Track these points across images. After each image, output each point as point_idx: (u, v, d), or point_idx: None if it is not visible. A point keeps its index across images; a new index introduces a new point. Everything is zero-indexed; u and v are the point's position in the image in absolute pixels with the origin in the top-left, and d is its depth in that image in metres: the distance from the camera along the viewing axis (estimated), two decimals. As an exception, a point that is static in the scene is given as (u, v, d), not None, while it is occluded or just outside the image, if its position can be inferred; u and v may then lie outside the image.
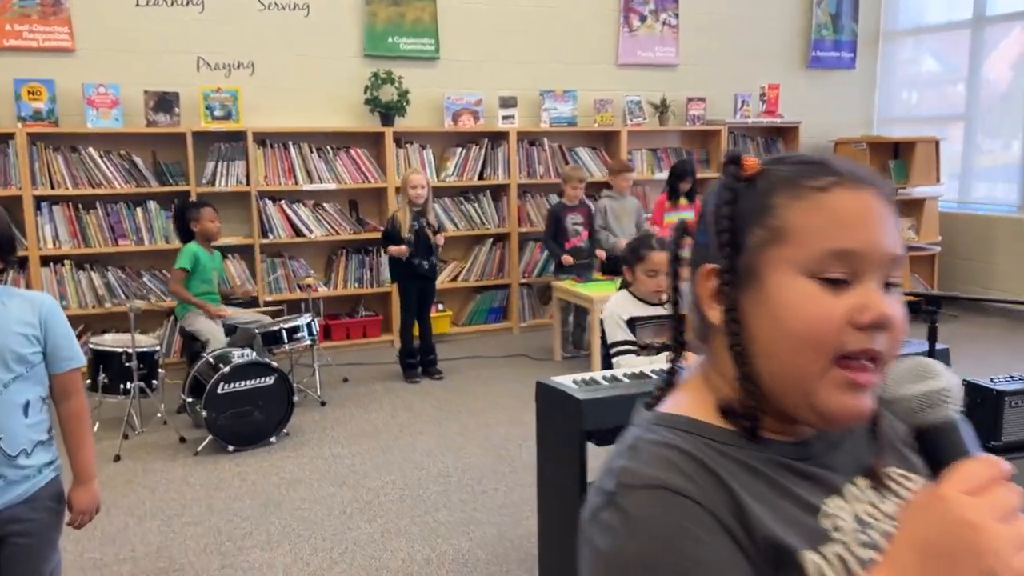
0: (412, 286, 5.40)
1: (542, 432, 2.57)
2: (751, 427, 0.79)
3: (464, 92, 6.52)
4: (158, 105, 5.67)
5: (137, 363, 4.38)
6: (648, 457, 0.76)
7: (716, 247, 0.80)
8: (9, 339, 1.90)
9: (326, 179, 6.11)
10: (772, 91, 7.55)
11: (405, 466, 4.03)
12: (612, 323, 3.01)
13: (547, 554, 2.61)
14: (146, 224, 5.71)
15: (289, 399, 4.42)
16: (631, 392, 2.39)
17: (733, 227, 0.79)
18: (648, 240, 3.07)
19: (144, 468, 4.07)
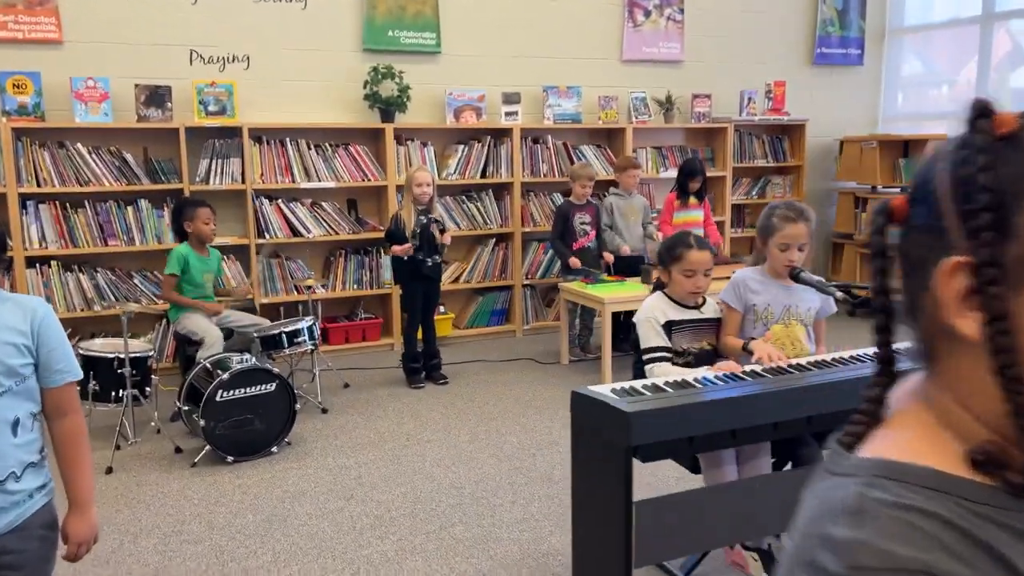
0: (416, 288, 5.20)
1: (579, 447, 2.38)
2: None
3: (466, 88, 6.32)
4: (149, 99, 5.44)
5: (130, 369, 4.16)
6: (890, 527, 0.56)
7: (960, 232, 0.61)
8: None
9: (324, 177, 5.90)
10: (778, 88, 7.40)
11: (415, 477, 3.83)
12: (648, 327, 2.82)
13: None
14: (137, 224, 5.48)
15: (291, 407, 4.20)
16: (679, 403, 2.20)
17: (997, 203, 0.59)
18: (685, 238, 2.88)
19: (138, 481, 3.85)
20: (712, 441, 2.29)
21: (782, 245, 2.75)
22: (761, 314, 2.84)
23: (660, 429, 2.17)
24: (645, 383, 2.42)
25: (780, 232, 2.75)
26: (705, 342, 2.90)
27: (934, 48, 7.80)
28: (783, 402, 2.32)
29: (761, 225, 2.84)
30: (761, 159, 7.48)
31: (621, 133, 6.77)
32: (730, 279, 2.93)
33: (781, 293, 2.85)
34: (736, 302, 2.86)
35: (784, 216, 2.76)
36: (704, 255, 2.82)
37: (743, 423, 2.28)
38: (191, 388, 4.18)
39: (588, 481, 2.34)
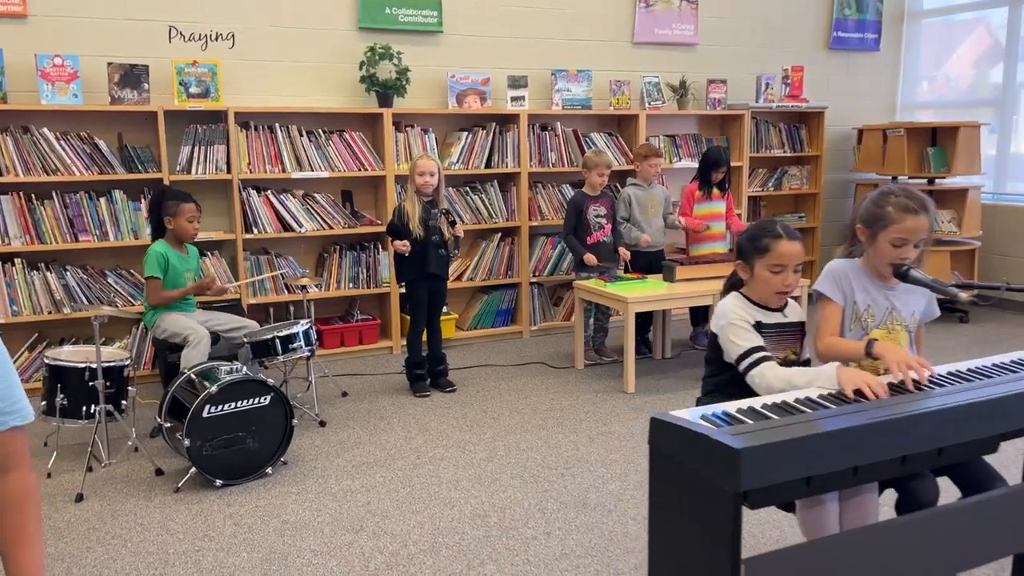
0: (421, 287, 4.73)
1: (663, 489, 1.93)
2: None
3: (469, 70, 5.85)
4: (124, 80, 4.92)
5: (103, 381, 3.66)
6: None
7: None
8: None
9: (317, 166, 5.41)
10: (796, 73, 7.00)
11: (432, 503, 3.37)
12: (737, 329, 2.36)
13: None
14: (111, 217, 4.96)
15: (287, 422, 3.73)
16: (796, 436, 1.76)
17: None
18: (771, 226, 2.42)
19: (113, 511, 3.35)
20: (831, 481, 1.86)
21: (898, 240, 2.32)
22: (860, 315, 2.41)
23: (776, 469, 1.73)
24: (740, 407, 1.98)
25: (898, 225, 2.31)
26: (789, 351, 2.46)
27: (956, 32, 7.43)
28: (914, 431, 1.89)
29: (869, 214, 2.40)
30: (778, 149, 7.07)
31: (633, 120, 6.34)
32: (825, 269, 2.49)
33: (883, 293, 2.42)
34: (837, 295, 2.42)
35: (903, 206, 2.32)
36: (796, 247, 2.38)
37: (869, 458, 1.84)
38: (174, 402, 3.69)
39: (678, 533, 1.89)
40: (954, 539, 2.06)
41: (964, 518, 2.08)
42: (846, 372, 2.12)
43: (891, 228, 2.34)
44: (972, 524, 2.08)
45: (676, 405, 4.53)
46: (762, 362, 2.29)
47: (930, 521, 2.04)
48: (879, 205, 2.39)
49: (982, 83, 7.24)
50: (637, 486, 3.49)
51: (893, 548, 1.94)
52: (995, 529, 2.14)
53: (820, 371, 2.19)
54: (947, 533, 2.04)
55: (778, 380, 2.24)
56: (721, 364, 2.45)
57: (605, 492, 3.44)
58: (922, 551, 1.99)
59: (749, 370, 2.30)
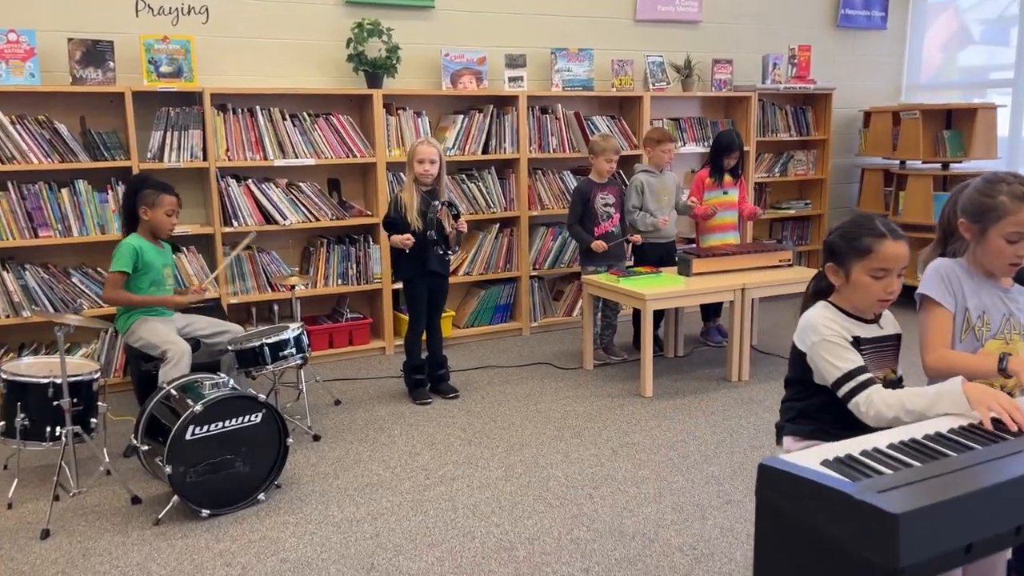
0: (421, 285, 4.33)
1: (782, 557, 1.56)
2: None
3: (464, 48, 5.43)
4: (87, 58, 4.43)
5: (69, 399, 3.23)
6: None
7: None
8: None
9: (302, 153, 4.96)
10: (803, 53, 6.66)
11: (449, 535, 2.99)
12: (833, 347, 1.99)
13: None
14: (74, 210, 4.48)
15: (281, 442, 3.32)
16: (959, 493, 1.40)
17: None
18: (870, 223, 2.02)
19: (84, 549, 2.93)
20: (991, 545, 1.51)
21: (1015, 235, 1.97)
22: (973, 323, 2.06)
23: (938, 537, 1.38)
24: (864, 449, 1.62)
25: (1015, 216, 1.97)
26: (888, 369, 2.10)
27: (965, 9, 7.14)
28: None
29: (976, 206, 2.05)
30: (784, 132, 6.74)
31: (637, 102, 5.96)
32: (929, 268, 2.13)
33: (998, 296, 2.07)
34: (948, 299, 2.06)
35: (1020, 195, 1.98)
36: (903, 247, 2.00)
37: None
38: (151, 420, 3.26)
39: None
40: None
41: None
42: (975, 391, 1.78)
43: (1006, 220, 1.99)
44: None
45: (700, 411, 4.20)
46: (867, 386, 1.93)
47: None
48: (988, 195, 2.04)
49: (991, 63, 6.97)
50: (675, 509, 3.15)
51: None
52: None
53: (940, 391, 1.84)
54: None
55: (889, 407, 1.89)
56: (810, 386, 2.08)
57: (641, 517, 3.09)
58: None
59: (852, 396, 1.94)
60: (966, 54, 7.17)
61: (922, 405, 1.84)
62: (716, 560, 2.76)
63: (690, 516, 3.09)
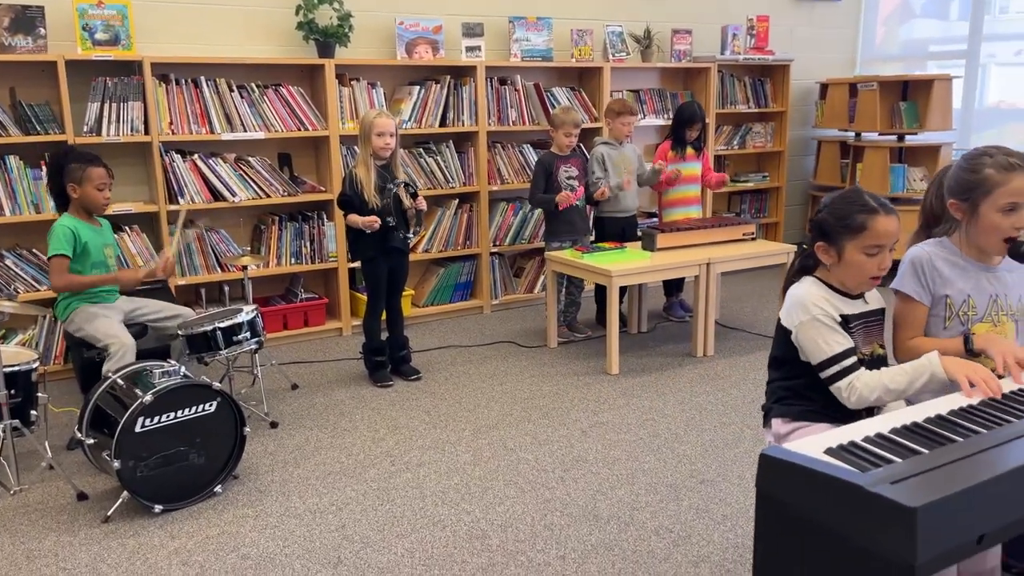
0: (381, 264, 4.17)
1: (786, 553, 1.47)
2: None
3: (420, 16, 5.23)
4: (15, 24, 4.13)
5: (6, 391, 3.02)
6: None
7: None
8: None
9: (250, 126, 4.73)
10: (762, 24, 6.61)
11: (418, 524, 2.88)
12: (822, 327, 1.92)
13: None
14: (6, 188, 4.21)
15: (237, 431, 3.16)
16: (974, 482, 1.34)
17: None
18: (860, 198, 1.95)
19: (28, 551, 2.74)
20: (1005, 533, 1.45)
21: (1009, 205, 1.91)
22: (957, 309, 2.01)
23: (955, 529, 1.31)
24: (867, 435, 1.55)
25: (1005, 187, 1.91)
26: (876, 344, 2.04)
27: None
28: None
29: (962, 184, 1.99)
30: (742, 104, 6.70)
31: (596, 73, 5.84)
32: (905, 259, 2.07)
33: (984, 279, 2.02)
34: (921, 293, 2.02)
35: (1005, 164, 1.92)
36: (894, 222, 1.93)
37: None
38: (96, 412, 3.07)
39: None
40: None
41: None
42: (952, 362, 1.78)
43: (997, 193, 1.94)
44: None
45: (667, 388, 4.14)
46: (852, 371, 1.88)
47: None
48: (974, 170, 1.99)
49: (945, 35, 7.01)
50: (648, 490, 3.08)
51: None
52: None
53: (918, 366, 1.84)
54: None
55: (871, 390, 1.86)
56: (796, 366, 2.01)
57: (615, 499, 3.02)
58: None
59: (835, 380, 1.90)
60: (920, 26, 7.20)
61: (903, 383, 1.82)
62: (694, 543, 2.70)
63: (664, 497, 3.02)
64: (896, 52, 7.32)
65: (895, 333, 2.07)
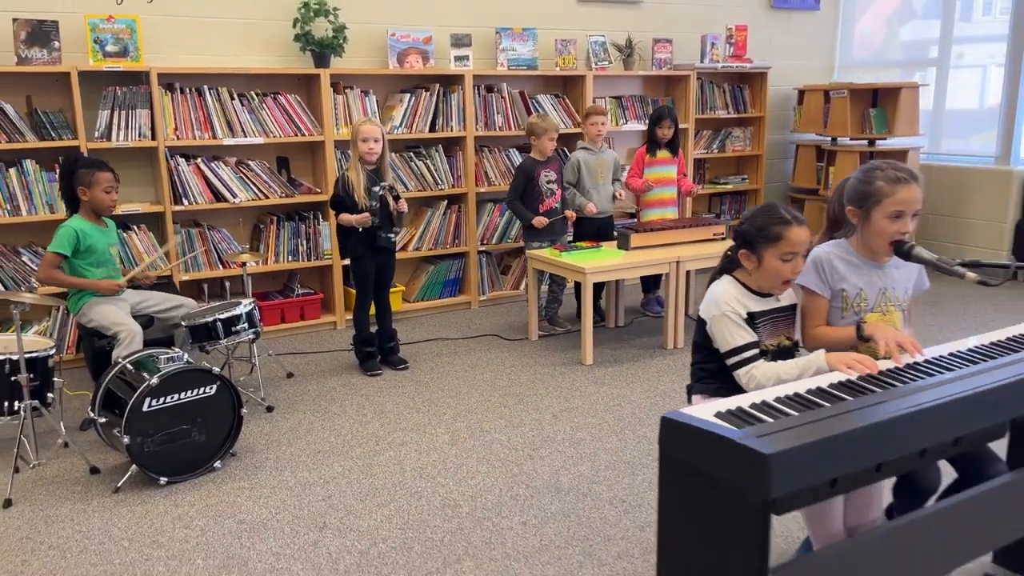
0: (368, 262, 4.49)
1: (678, 494, 1.79)
2: None
3: (411, 28, 5.55)
4: (32, 37, 4.46)
5: (27, 374, 3.34)
6: None
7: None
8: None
9: (250, 132, 5.05)
10: (740, 33, 6.90)
11: (397, 494, 3.20)
12: (729, 322, 2.24)
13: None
14: (23, 189, 4.53)
15: (235, 412, 3.48)
16: (823, 436, 1.65)
17: None
18: (776, 211, 2.26)
19: (47, 517, 3.07)
20: (856, 480, 1.76)
21: (895, 213, 2.22)
22: (852, 301, 2.31)
23: (806, 473, 1.62)
24: (754, 401, 1.86)
25: (892, 197, 2.21)
26: (783, 336, 2.35)
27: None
28: (934, 421, 1.81)
29: (857, 192, 2.29)
30: (722, 110, 7.00)
31: (580, 81, 6.15)
32: (809, 259, 2.38)
33: (875, 275, 2.33)
34: (822, 287, 2.32)
35: (893, 177, 2.23)
36: (805, 232, 2.24)
37: (892, 453, 1.75)
38: (108, 394, 3.39)
39: (695, 542, 1.77)
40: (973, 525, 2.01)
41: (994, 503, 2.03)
42: (833, 357, 2.10)
43: (885, 202, 2.24)
44: (985, 511, 2.04)
45: (636, 377, 4.45)
46: (751, 361, 2.20)
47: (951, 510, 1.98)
48: (867, 182, 2.29)
49: (918, 43, 7.30)
50: (607, 466, 3.39)
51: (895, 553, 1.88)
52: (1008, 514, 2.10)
53: (808, 361, 2.15)
54: (968, 519, 1.99)
55: (767, 379, 2.17)
56: (712, 351, 2.33)
57: (576, 474, 3.33)
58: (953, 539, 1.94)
59: (736, 367, 2.22)
60: (896, 33, 7.49)
61: (794, 373, 2.13)
62: (643, 510, 3.01)
63: (621, 472, 3.33)
64: (872, 59, 7.61)
65: (802, 322, 2.38)
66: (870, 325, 2.19)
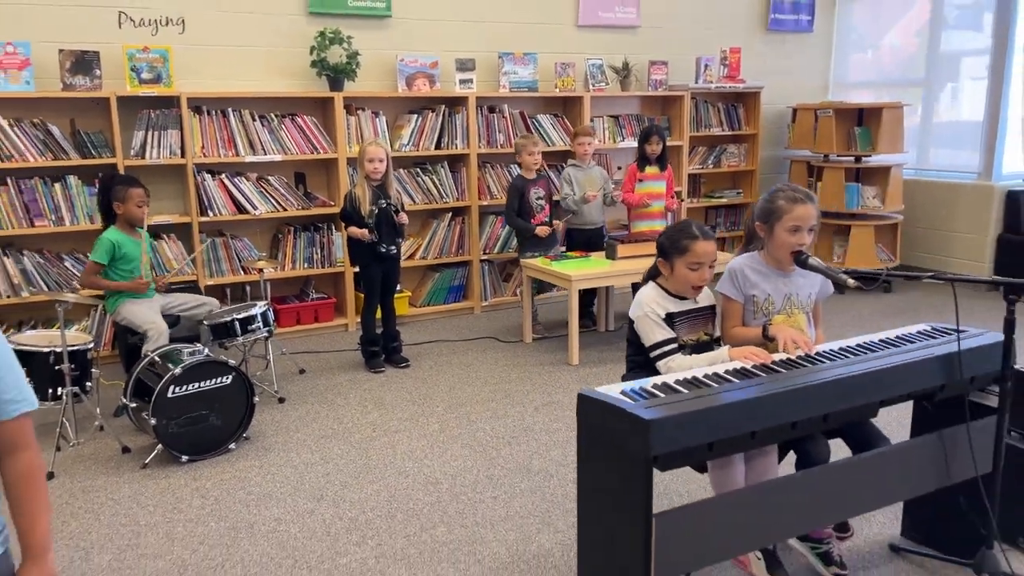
0: (376, 268, 4.94)
1: (589, 455, 2.20)
2: None
3: (418, 54, 6.01)
4: (76, 66, 4.99)
5: (69, 364, 3.83)
6: None
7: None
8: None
9: (270, 150, 5.55)
10: (734, 55, 7.29)
11: (387, 473, 3.63)
12: (650, 322, 2.65)
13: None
14: (66, 202, 5.05)
15: (248, 400, 3.94)
16: (700, 408, 2.05)
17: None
18: (689, 227, 2.70)
19: (84, 487, 3.55)
20: (731, 445, 2.16)
21: (792, 228, 2.61)
22: (761, 305, 2.71)
23: (681, 436, 2.02)
24: (656, 382, 2.26)
25: (789, 214, 2.61)
26: (702, 332, 2.76)
27: (885, 13, 7.78)
28: (802, 399, 2.20)
29: (763, 210, 2.69)
30: (716, 128, 7.38)
31: (578, 101, 6.57)
32: (726, 269, 2.78)
33: (781, 282, 2.72)
34: (736, 293, 2.72)
35: (791, 197, 2.63)
36: (711, 245, 2.66)
37: (763, 424, 2.15)
38: (138, 383, 3.87)
39: (600, 493, 2.18)
40: (842, 490, 2.40)
41: (847, 472, 2.41)
42: (735, 351, 2.48)
43: (785, 218, 2.63)
44: (856, 477, 2.42)
45: (617, 376, 4.81)
46: (669, 354, 2.61)
47: (812, 476, 2.38)
48: (771, 201, 2.69)
49: (909, 62, 7.62)
50: (577, 452, 3.79)
51: (781, 499, 2.28)
52: (879, 481, 2.48)
53: (716, 355, 2.55)
54: (834, 485, 2.37)
55: (681, 369, 2.56)
56: (640, 346, 2.73)
57: (548, 459, 3.74)
58: (810, 501, 2.33)
59: (657, 360, 2.63)
60: (888, 53, 7.81)
61: (704, 365, 2.52)
62: (601, 489, 3.41)
63: (588, 458, 3.73)
64: (865, 78, 7.94)
65: (722, 323, 2.77)
66: (774, 326, 2.59)
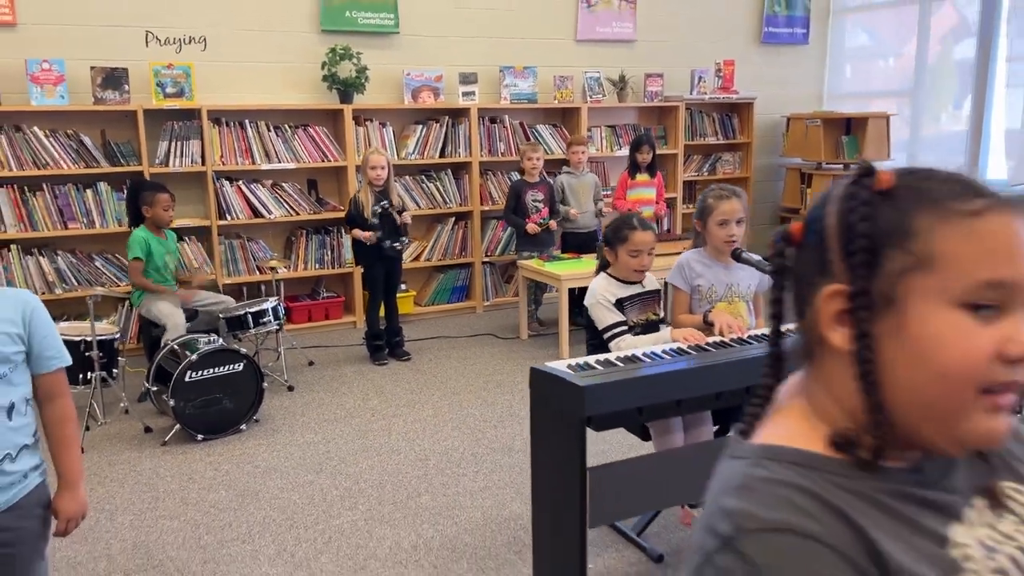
0: (378, 268, 5.32)
1: (537, 418, 2.56)
2: (872, 458, 0.74)
3: (424, 68, 6.41)
4: (106, 82, 5.43)
5: (97, 352, 4.24)
6: (765, 497, 0.71)
7: (842, 265, 0.75)
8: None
9: (284, 158, 5.96)
10: (728, 67, 7.60)
11: (382, 451, 4.00)
12: (602, 308, 3.00)
13: (542, 539, 2.62)
14: (97, 206, 5.50)
15: (258, 385, 4.33)
16: (629, 377, 2.40)
17: (871, 247, 0.73)
18: (630, 220, 3.06)
19: (110, 460, 3.95)
20: (659, 411, 2.50)
21: (721, 221, 2.95)
22: (706, 294, 3.05)
23: (611, 401, 2.36)
24: (599, 358, 2.61)
25: (717, 210, 2.95)
26: (650, 313, 3.10)
27: (877, 26, 8.07)
28: (724, 374, 2.53)
29: (698, 209, 3.04)
30: (711, 137, 7.70)
31: (576, 112, 6.93)
32: (676, 262, 3.12)
33: (722, 273, 3.05)
34: (683, 283, 3.06)
35: (718, 196, 2.97)
36: (648, 235, 3.01)
37: (687, 394, 2.48)
38: (159, 369, 4.28)
39: (546, 450, 2.53)
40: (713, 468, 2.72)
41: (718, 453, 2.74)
42: (676, 332, 2.82)
43: (715, 213, 2.98)
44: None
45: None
46: (619, 335, 2.95)
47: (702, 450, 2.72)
48: (702, 201, 3.06)
49: (900, 73, 7.89)
50: (557, 435, 4.14)
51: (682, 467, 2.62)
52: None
53: (659, 336, 2.90)
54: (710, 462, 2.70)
55: (629, 348, 2.89)
56: (596, 330, 3.08)
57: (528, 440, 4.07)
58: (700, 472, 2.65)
59: (609, 340, 2.97)
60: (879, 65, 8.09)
61: (648, 345, 2.86)
62: (573, 466, 3.76)
63: (565, 439, 4.08)
64: (858, 89, 8.22)
65: (672, 310, 3.12)
66: (713, 312, 2.93)
